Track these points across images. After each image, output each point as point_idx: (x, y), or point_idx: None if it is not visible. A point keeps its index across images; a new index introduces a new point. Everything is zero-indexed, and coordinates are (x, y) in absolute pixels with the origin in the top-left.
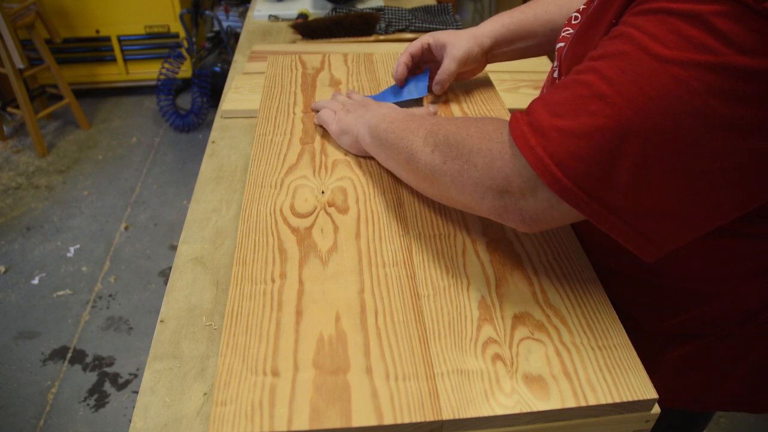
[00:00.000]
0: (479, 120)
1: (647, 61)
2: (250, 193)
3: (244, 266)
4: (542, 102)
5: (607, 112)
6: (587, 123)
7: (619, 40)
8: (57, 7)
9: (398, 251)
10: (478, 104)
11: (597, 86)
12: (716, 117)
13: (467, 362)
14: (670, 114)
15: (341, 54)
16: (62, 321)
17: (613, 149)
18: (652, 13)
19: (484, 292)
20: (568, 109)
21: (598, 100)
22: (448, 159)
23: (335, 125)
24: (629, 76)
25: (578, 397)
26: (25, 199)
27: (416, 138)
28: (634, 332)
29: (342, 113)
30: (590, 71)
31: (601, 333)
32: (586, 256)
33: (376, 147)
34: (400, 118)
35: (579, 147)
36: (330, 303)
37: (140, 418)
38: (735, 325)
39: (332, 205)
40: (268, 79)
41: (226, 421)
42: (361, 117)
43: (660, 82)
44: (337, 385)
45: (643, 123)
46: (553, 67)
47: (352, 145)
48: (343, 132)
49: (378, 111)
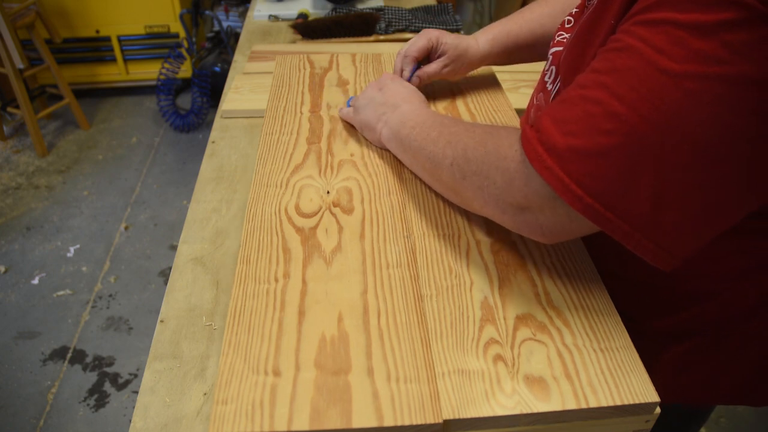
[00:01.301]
0: (493, 133)
1: (657, 77)
2: (256, 192)
3: (248, 265)
4: (550, 118)
5: (623, 131)
6: (603, 142)
7: (625, 54)
8: (57, 7)
9: (402, 252)
10: (484, 102)
11: (608, 104)
12: (729, 128)
13: (468, 362)
14: (684, 128)
15: (349, 54)
16: (62, 321)
17: (631, 166)
18: (657, 24)
19: (487, 292)
20: (580, 127)
21: (612, 119)
22: (467, 174)
23: (358, 121)
24: (641, 93)
25: (579, 399)
26: (25, 199)
27: (437, 149)
28: (634, 332)
29: (361, 105)
30: (598, 87)
31: (603, 335)
32: (590, 259)
33: (400, 151)
34: (421, 122)
35: (597, 166)
36: (333, 303)
37: (140, 418)
38: (735, 322)
39: (337, 205)
40: (276, 78)
41: (227, 420)
42: (383, 115)
43: (672, 98)
44: (338, 386)
45: (659, 139)
46: (545, 70)
47: (375, 141)
48: (365, 127)
49: (399, 111)
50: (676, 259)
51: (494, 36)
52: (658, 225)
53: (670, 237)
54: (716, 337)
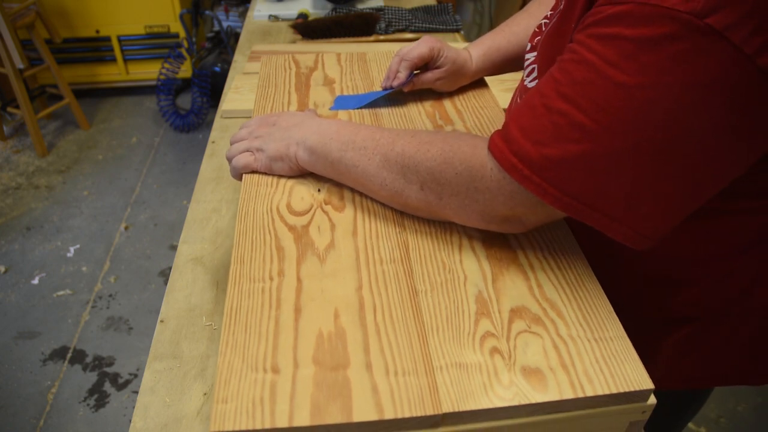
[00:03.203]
0: (454, 145)
1: (613, 90)
2: (246, 191)
3: (242, 264)
4: (518, 127)
5: (589, 139)
6: (572, 150)
7: (583, 67)
8: (57, 7)
9: (395, 248)
10: (470, 99)
11: (573, 115)
12: (685, 127)
13: (466, 356)
14: (644, 133)
15: (334, 53)
16: (62, 321)
17: (602, 169)
18: (610, 39)
19: (481, 286)
20: (548, 137)
21: (578, 129)
22: (444, 196)
23: (262, 161)
24: (599, 105)
25: (576, 389)
26: (25, 199)
27: (388, 173)
28: (630, 321)
29: (258, 143)
30: (561, 98)
31: (597, 325)
32: (581, 251)
33: (332, 172)
34: (347, 140)
35: (571, 171)
36: (328, 300)
37: (140, 418)
38: (729, 304)
39: (328, 203)
40: (262, 79)
41: (227, 418)
42: (290, 138)
43: (629, 108)
44: (337, 381)
45: (623, 144)
46: (523, 78)
47: (290, 169)
48: (274, 160)
49: (306, 126)
50: (652, 241)
51: (485, 52)
52: (634, 215)
53: (646, 224)
54: (713, 319)
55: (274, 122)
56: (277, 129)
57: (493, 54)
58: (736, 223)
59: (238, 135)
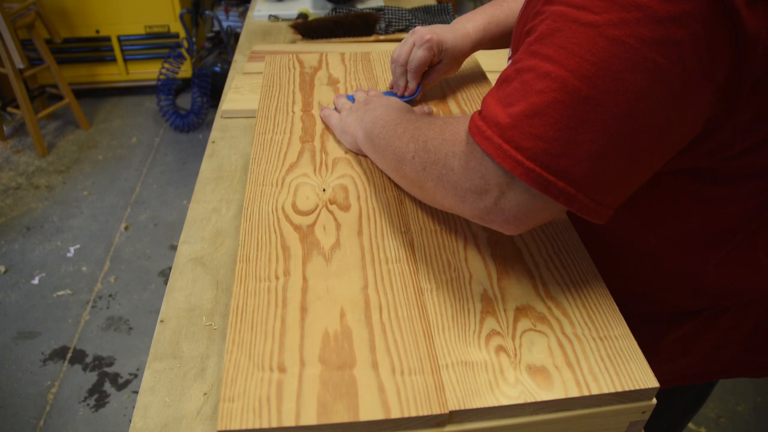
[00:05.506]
0: (453, 122)
1: (581, 31)
2: (252, 191)
3: (248, 263)
4: (494, 98)
5: (555, 87)
6: (537, 101)
7: (550, 19)
8: (57, 7)
9: (400, 247)
10: (473, 97)
11: (540, 67)
12: (657, 67)
13: (471, 354)
14: (615, 74)
15: (338, 53)
16: (62, 321)
17: (568, 121)
18: None
19: (486, 285)
20: (518, 96)
21: (544, 78)
22: (427, 164)
23: (338, 125)
24: (568, 49)
25: (581, 387)
26: (25, 199)
27: (401, 144)
28: (633, 319)
29: (345, 113)
30: (530, 56)
31: (601, 324)
32: (585, 249)
33: (371, 152)
34: (391, 121)
35: (534, 126)
36: (334, 299)
37: (140, 418)
38: (730, 297)
39: (334, 202)
40: (267, 78)
41: (234, 416)
42: (360, 119)
43: (598, 47)
44: (343, 380)
45: (592, 89)
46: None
47: (351, 144)
48: (344, 132)
49: (374, 113)
50: (611, 210)
51: (484, 27)
52: (599, 183)
53: (609, 193)
54: (714, 313)
55: (367, 102)
56: (363, 106)
57: (492, 28)
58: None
59: (356, 94)
